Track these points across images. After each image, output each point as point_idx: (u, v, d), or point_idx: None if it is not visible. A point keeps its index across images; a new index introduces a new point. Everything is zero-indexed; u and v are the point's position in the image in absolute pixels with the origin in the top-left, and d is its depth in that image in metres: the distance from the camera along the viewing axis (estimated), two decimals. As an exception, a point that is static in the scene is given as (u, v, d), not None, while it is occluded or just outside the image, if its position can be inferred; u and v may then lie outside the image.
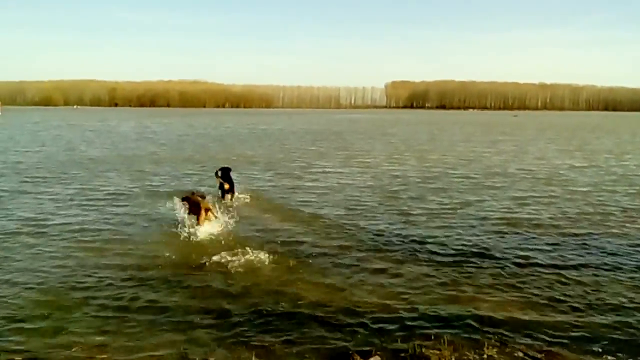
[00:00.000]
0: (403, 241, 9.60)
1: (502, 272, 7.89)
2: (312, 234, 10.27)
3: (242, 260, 8.38)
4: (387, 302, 6.72)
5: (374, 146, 32.11)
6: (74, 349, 5.43)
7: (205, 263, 8.26)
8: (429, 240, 9.68)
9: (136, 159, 23.63)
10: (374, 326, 6.03)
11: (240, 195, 13.57)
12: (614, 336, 5.81)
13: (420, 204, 13.11)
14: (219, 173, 13.43)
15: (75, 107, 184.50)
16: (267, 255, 8.57)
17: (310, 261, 8.46)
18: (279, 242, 9.58)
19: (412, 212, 12.15)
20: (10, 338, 5.68)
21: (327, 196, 14.27)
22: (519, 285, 7.36)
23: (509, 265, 8.26)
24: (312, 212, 12.23)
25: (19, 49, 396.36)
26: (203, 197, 10.65)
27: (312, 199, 13.77)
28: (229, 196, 13.21)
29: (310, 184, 16.55)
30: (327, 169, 20.31)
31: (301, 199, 13.73)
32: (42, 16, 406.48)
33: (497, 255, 8.78)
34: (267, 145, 32.26)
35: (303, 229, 10.64)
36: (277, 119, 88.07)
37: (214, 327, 6.00)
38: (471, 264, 8.27)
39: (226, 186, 13.26)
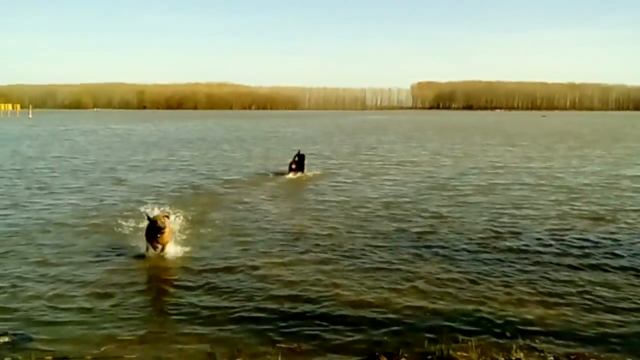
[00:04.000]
0: (433, 244, 9.52)
1: (533, 276, 7.76)
2: (342, 231, 10.38)
3: (265, 259, 8.45)
4: (415, 303, 6.68)
5: (398, 148, 31.98)
6: (103, 348, 5.50)
7: (231, 262, 8.34)
8: (459, 243, 9.59)
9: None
10: (401, 328, 6.00)
11: (309, 174, 18.18)
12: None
13: (450, 209, 13.01)
14: (296, 158, 18.17)
15: (95, 109, 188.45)
16: (292, 253, 8.64)
17: (338, 260, 8.47)
18: (308, 237, 9.77)
19: (442, 215, 12.05)
20: (41, 336, 5.78)
21: (364, 195, 14.31)
22: (549, 288, 7.23)
23: (540, 269, 8.12)
24: (347, 208, 12.33)
25: (50, 53, 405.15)
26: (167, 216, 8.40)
27: (348, 198, 13.84)
28: (298, 173, 17.87)
29: (356, 184, 16.58)
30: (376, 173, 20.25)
31: (340, 198, 13.79)
32: (72, 21, 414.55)
33: (527, 259, 8.65)
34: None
35: (333, 225, 10.80)
36: (302, 122, 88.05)
37: (240, 327, 6.03)
38: (501, 268, 8.16)
39: (294, 166, 17.89)
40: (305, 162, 18.33)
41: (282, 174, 18.58)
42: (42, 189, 15.38)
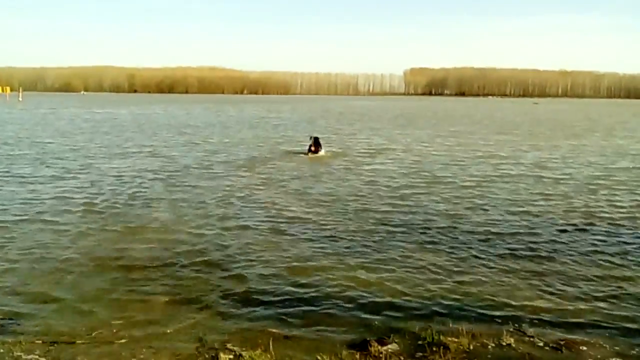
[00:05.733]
0: (424, 231, 9.52)
1: (523, 264, 7.79)
2: (334, 216, 10.43)
3: (255, 243, 8.47)
4: (405, 289, 6.69)
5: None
6: (93, 333, 5.48)
7: (220, 245, 8.33)
8: (450, 229, 9.63)
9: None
10: (392, 314, 6.01)
11: (324, 154, 20.06)
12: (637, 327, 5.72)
13: (441, 198, 13.03)
14: (311, 139, 20.42)
15: (82, 93, 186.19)
16: (283, 237, 8.74)
17: (329, 246, 8.47)
18: (298, 222, 9.76)
19: (433, 203, 12.09)
20: (31, 321, 5.75)
21: (358, 182, 14.29)
22: (540, 276, 7.27)
23: (531, 255, 8.16)
24: (337, 194, 12.30)
25: (40, 35, 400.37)
26: None
27: (341, 185, 13.82)
28: (318, 153, 19.87)
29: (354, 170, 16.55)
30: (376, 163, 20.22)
31: (332, 185, 13.77)
32: (63, 3, 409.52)
33: (517, 245, 8.69)
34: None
35: (322, 211, 10.74)
36: (293, 107, 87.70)
37: (231, 313, 6.02)
38: (492, 255, 8.18)
39: (313, 148, 19.92)
40: (321, 142, 20.61)
41: (298, 153, 20.43)
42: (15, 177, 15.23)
